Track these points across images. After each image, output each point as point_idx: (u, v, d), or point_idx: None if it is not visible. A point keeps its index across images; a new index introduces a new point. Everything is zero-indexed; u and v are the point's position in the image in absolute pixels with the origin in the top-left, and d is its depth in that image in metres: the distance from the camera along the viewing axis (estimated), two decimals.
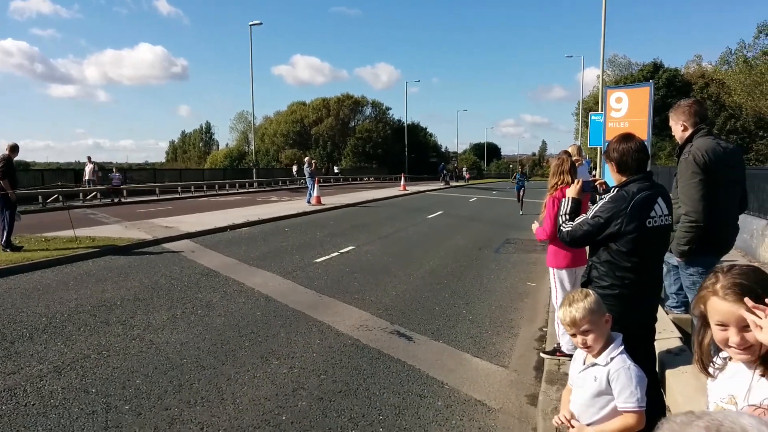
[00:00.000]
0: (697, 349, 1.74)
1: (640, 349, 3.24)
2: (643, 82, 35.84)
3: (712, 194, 3.88)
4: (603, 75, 27.37)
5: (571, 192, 3.43)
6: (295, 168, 25.90)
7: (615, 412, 2.31)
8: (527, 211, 19.91)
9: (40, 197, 22.49)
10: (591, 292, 2.52)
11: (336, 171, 63.13)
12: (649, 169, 3.22)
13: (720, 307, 1.57)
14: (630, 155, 3.11)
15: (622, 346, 2.39)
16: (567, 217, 3.30)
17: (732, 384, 1.62)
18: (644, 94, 12.94)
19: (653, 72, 48.03)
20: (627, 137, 3.22)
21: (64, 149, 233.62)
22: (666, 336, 3.80)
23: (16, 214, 10.84)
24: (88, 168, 26.35)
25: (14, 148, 11.21)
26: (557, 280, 5.03)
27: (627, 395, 2.26)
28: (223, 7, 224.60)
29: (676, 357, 3.47)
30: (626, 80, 47.11)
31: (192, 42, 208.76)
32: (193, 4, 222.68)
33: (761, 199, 10.22)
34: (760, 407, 1.49)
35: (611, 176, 3.32)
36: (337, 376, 4.94)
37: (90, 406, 4.24)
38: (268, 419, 4.09)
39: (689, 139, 4.15)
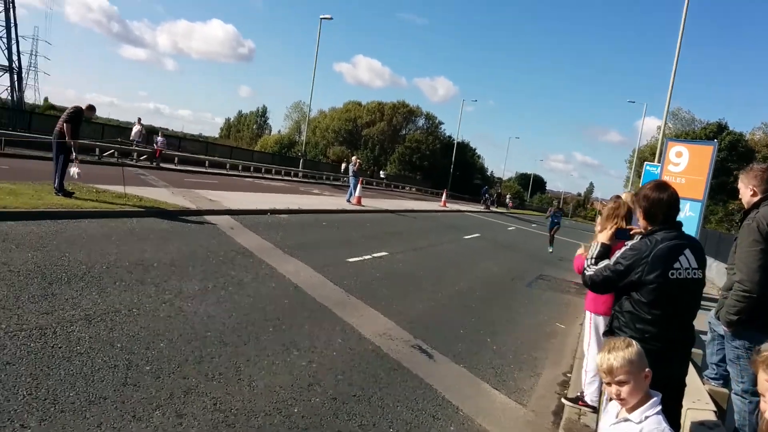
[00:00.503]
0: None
1: (664, 413, 3.12)
2: (707, 140, 34.88)
3: None
4: (665, 126, 26.73)
5: (603, 237, 3.36)
6: (344, 166, 25.87)
7: None
8: (557, 250, 19.52)
9: (97, 150, 23.24)
10: (634, 342, 2.44)
11: (382, 175, 63.43)
12: (681, 222, 3.10)
13: None
14: (660, 208, 3.00)
15: (660, 407, 2.31)
16: (593, 260, 3.21)
17: None
18: (707, 152, 12.56)
19: (716, 132, 46.76)
20: (661, 186, 3.10)
21: (128, 108, 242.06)
22: (700, 407, 3.67)
23: (72, 160, 11.09)
24: (136, 129, 26.96)
25: (91, 108, 11.67)
26: (593, 325, 4.89)
27: None
28: None
29: (710, 431, 3.34)
30: (687, 136, 45.98)
31: (262, 25, 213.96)
32: None
33: None
34: None
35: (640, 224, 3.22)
36: (353, 379, 4.92)
37: (113, 360, 4.33)
38: (280, 408, 4.10)
39: (756, 205, 4.00)
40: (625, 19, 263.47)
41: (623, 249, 3.03)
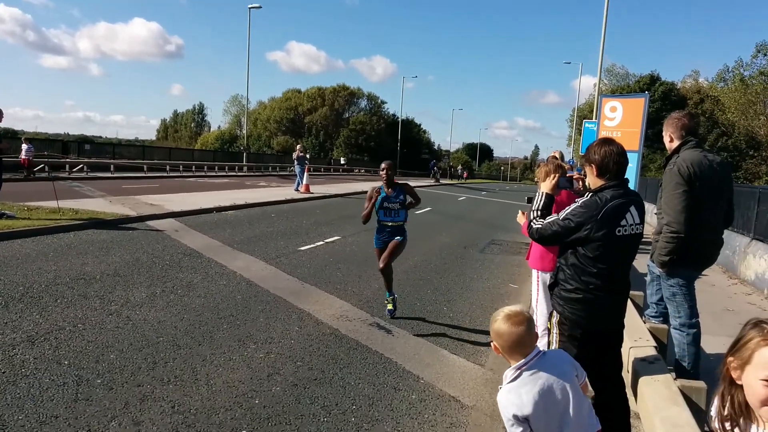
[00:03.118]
0: (720, 408, 1.59)
1: (606, 355, 3.27)
2: (639, 93, 36.03)
3: (696, 206, 3.90)
4: (600, 83, 27.49)
5: (545, 187, 3.41)
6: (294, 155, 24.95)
7: None
8: (508, 214, 19.88)
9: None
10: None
11: (342, 162, 63.27)
12: (628, 179, 3.21)
13: None
14: (611, 158, 3.08)
15: (511, 377, 2.33)
16: (538, 213, 3.26)
17: None
18: (639, 105, 13.03)
19: (650, 84, 48.31)
20: (608, 140, 3.19)
21: (54, 120, 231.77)
22: (641, 344, 3.84)
23: None
24: (25, 147, 22.23)
25: None
26: (540, 282, 5.04)
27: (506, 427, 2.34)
28: None
29: (650, 365, 3.51)
30: (623, 90, 47.35)
31: (188, 21, 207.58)
32: None
33: (746, 216, 10.31)
34: None
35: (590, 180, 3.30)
36: (313, 363, 4.93)
37: (61, 378, 4.20)
38: (241, 402, 4.08)
39: (676, 151, 4.18)
40: None
41: (573, 206, 3.07)
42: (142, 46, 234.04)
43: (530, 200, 5.36)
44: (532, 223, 3.26)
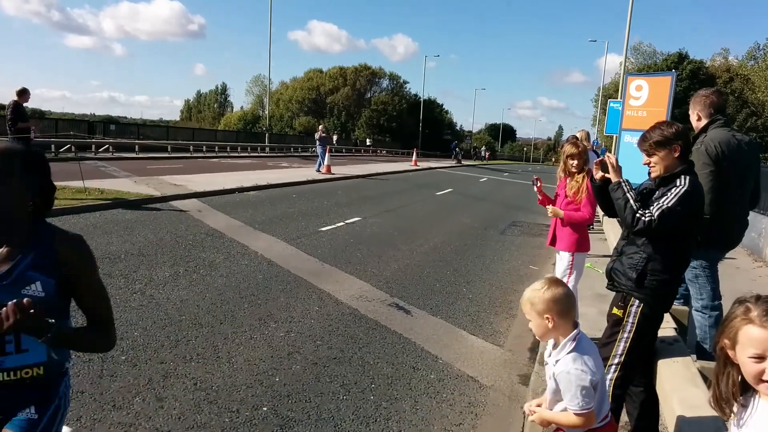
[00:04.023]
0: (715, 388, 1.62)
1: (651, 336, 3.26)
2: (666, 71, 35.19)
3: (722, 187, 3.82)
4: (626, 61, 26.86)
5: (615, 176, 3.21)
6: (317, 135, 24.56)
7: None
8: (529, 196, 19.72)
9: (52, 146, 22.58)
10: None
11: (368, 143, 63.38)
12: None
13: (758, 335, 1.45)
14: (689, 136, 3.13)
15: (572, 347, 2.26)
16: (638, 204, 3.04)
17: (761, 425, 1.51)
18: (665, 83, 12.68)
19: (678, 62, 47.14)
20: (669, 122, 3.18)
21: (80, 100, 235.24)
22: (662, 326, 3.80)
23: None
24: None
25: (22, 92, 10.96)
26: (575, 264, 4.97)
27: (569, 397, 2.23)
28: None
29: (670, 347, 3.49)
30: (649, 69, 46.24)
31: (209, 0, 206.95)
32: None
33: None
34: None
35: (659, 164, 3.09)
36: (332, 343, 4.98)
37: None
38: (262, 380, 4.15)
39: (704, 130, 4.08)
40: None
41: (680, 191, 2.95)
42: (164, 25, 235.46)
43: (535, 182, 5.26)
44: (642, 218, 2.96)
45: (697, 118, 4.17)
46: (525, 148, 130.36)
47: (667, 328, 3.72)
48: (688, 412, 2.76)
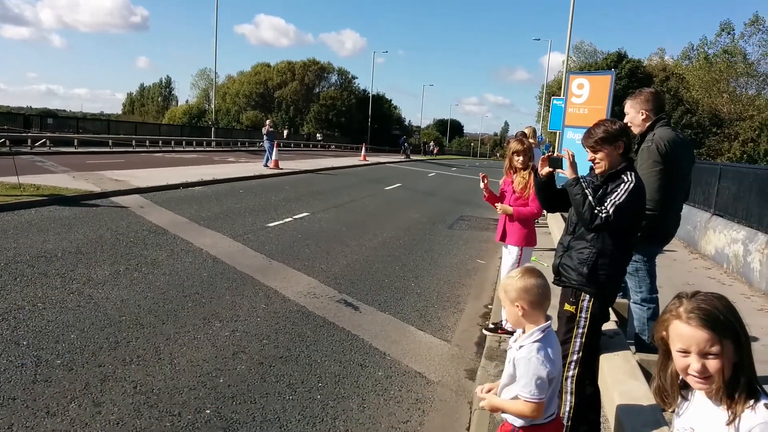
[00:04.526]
0: (656, 378, 1.67)
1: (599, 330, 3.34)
2: (606, 70, 36.36)
3: (669, 184, 3.95)
4: (568, 60, 27.60)
5: (571, 173, 3.20)
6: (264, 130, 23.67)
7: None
8: (476, 191, 20.05)
9: None
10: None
11: (319, 138, 62.92)
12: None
13: (682, 331, 1.50)
14: (630, 134, 3.24)
15: (539, 337, 2.29)
16: (596, 201, 3.05)
17: (694, 416, 1.57)
18: (605, 82, 13.09)
19: (617, 61, 48.69)
20: (612, 120, 3.27)
21: (16, 92, 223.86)
22: None
23: None
24: None
25: None
26: (523, 258, 5.11)
27: (523, 384, 2.24)
28: None
29: (610, 340, 3.59)
30: (591, 68, 47.59)
31: None
32: None
33: (707, 192, 10.56)
34: None
35: (604, 160, 3.14)
36: (279, 341, 4.91)
37: (19, 359, 4.10)
38: (205, 381, 4.04)
39: (651, 128, 4.17)
40: None
41: (623, 193, 3.01)
42: (106, 16, 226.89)
43: (482, 179, 5.31)
44: (600, 214, 2.98)
45: (644, 116, 4.22)
46: (472, 144, 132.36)
47: (608, 322, 3.83)
48: (628, 404, 2.85)
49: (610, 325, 3.89)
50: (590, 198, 3.05)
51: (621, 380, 3.17)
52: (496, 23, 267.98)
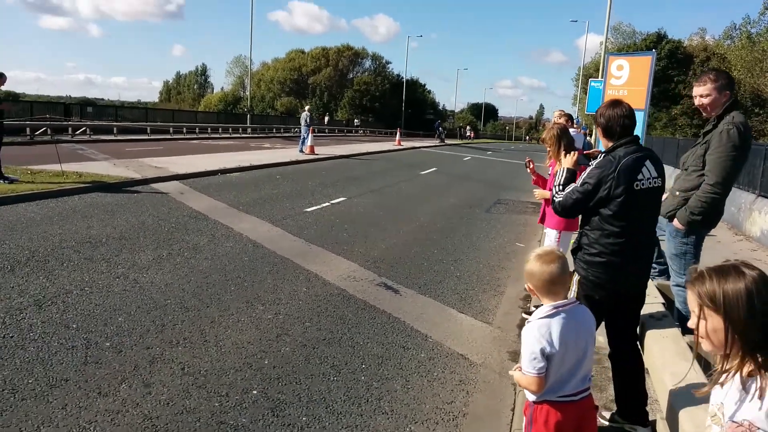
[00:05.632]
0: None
1: (626, 316, 3.23)
2: (646, 51, 35.21)
3: (739, 170, 3.82)
4: (606, 41, 26.84)
5: (567, 163, 3.35)
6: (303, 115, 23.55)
7: None
8: (513, 174, 19.80)
9: (28, 129, 22.03)
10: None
11: (357, 123, 63.07)
12: (638, 136, 3.17)
13: (688, 295, 1.58)
14: (616, 121, 3.08)
15: (544, 314, 2.35)
16: (560, 188, 3.22)
17: (724, 392, 1.55)
18: (645, 63, 12.69)
19: (656, 42, 47.11)
20: (615, 103, 3.17)
21: (55, 82, 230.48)
22: (650, 301, 3.80)
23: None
24: None
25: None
26: (561, 242, 4.99)
27: (522, 357, 2.37)
28: None
29: (658, 322, 3.49)
30: (629, 49, 46.13)
31: None
32: None
33: (752, 173, 10.21)
34: (740, 425, 1.43)
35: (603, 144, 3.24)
36: (321, 324, 4.93)
37: (70, 341, 4.21)
38: (251, 362, 4.09)
39: (728, 110, 3.92)
40: None
41: (588, 170, 3.06)
42: (141, 5, 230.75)
43: (527, 164, 5.30)
44: (554, 198, 3.23)
45: (725, 98, 3.98)
46: (507, 127, 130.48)
47: (655, 303, 3.72)
48: (680, 386, 2.76)
49: (657, 307, 3.78)
50: (555, 185, 3.26)
51: (672, 362, 3.08)
52: (531, 4, 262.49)
